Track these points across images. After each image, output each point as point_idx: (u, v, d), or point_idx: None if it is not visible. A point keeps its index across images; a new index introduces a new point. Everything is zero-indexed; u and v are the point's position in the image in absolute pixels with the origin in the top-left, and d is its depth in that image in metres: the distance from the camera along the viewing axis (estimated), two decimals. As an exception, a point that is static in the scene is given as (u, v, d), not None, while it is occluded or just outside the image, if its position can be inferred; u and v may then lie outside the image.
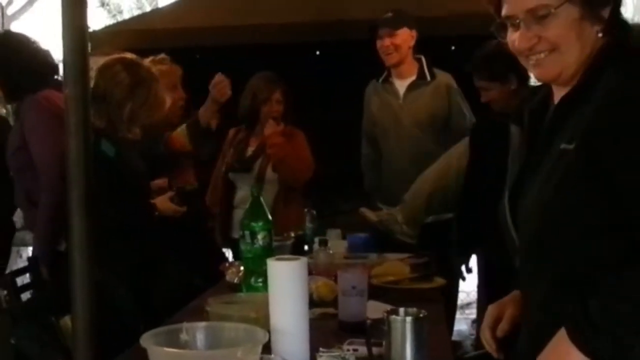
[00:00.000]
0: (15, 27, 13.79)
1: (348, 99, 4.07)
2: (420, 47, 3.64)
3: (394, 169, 3.65)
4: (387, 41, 3.50)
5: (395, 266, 2.58)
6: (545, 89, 1.46)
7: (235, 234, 3.46)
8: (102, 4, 16.49)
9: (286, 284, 1.54)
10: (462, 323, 4.79)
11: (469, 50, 3.23)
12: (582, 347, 1.18)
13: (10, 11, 14.75)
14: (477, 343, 2.87)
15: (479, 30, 3.22)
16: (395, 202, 3.52)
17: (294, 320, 1.53)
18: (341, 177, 4.85)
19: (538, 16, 1.30)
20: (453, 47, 5.18)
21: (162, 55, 3.10)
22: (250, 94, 3.53)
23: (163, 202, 2.67)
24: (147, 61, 2.86)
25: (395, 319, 1.53)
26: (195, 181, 3.09)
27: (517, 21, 1.33)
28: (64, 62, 1.70)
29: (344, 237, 3.02)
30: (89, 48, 1.68)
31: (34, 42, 2.79)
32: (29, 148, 2.57)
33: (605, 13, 1.30)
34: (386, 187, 3.70)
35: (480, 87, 3.07)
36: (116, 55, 2.62)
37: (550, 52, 1.31)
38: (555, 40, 1.29)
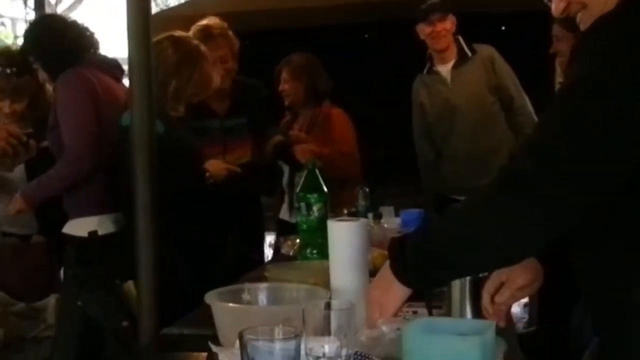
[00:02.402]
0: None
1: (398, 82, 4.06)
2: (469, 26, 3.65)
3: (455, 155, 3.68)
4: (439, 26, 3.55)
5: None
6: None
7: (285, 215, 3.48)
8: (150, -2, 16.69)
9: (346, 244, 1.55)
10: (515, 306, 4.72)
11: (519, 28, 3.24)
12: (399, 278, 1.30)
13: (60, 9, 15.07)
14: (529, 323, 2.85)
15: (529, 6, 3.26)
16: (458, 190, 3.58)
17: (355, 280, 1.54)
18: (391, 159, 4.85)
19: None
20: (503, 27, 5.13)
21: (222, 23, 3.02)
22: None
23: (214, 164, 2.60)
24: (204, 21, 2.86)
25: (455, 282, 1.53)
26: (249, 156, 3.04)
27: None
28: (129, 45, 1.77)
29: (396, 215, 3.01)
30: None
31: (70, 22, 2.79)
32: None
33: None
34: (451, 174, 3.72)
35: (555, 35, 3.04)
36: (167, 33, 2.62)
37: (584, 11, 1.33)
38: None
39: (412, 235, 1.32)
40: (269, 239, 3.95)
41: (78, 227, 2.52)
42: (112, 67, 2.74)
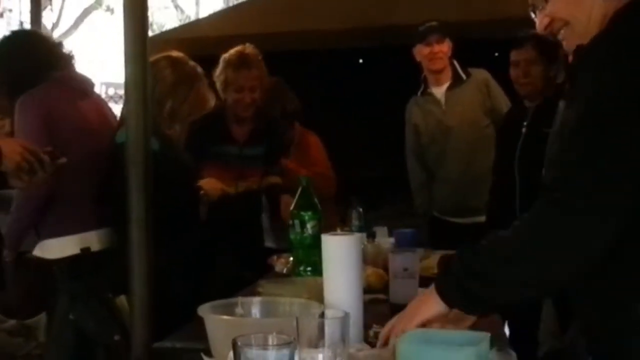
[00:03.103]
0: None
1: (392, 106, 4.10)
2: (463, 51, 3.70)
3: (448, 177, 3.71)
4: (436, 47, 3.61)
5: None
6: None
7: (271, 243, 3.39)
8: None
9: (341, 258, 1.55)
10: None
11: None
12: (440, 292, 1.34)
13: (57, 33, 15.15)
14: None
15: (523, 32, 3.31)
16: (451, 212, 3.61)
17: (349, 294, 1.54)
18: (384, 181, 4.86)
19: None
20: (497, 54, 5.18)
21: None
22: None
23: (209, 182, 2.62)
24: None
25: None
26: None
27: (533, 6, 1.42)
28: (126, 66, 1.79)
29: (390, 235, 3.01)
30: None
31: (38, 39, 2.71)
32: None
33: None
34: (443, 197, 3.75)
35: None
36: (165, 53, 2.65)
37: (566, 27, 1.37)
38: (561, 15, 1.37)
39: (459, 253, 1.36)
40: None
41: (66, 245, 2.50)
42: (80, 82, 2.69)
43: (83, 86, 2.69)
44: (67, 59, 2.70)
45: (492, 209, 3.42)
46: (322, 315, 1.22)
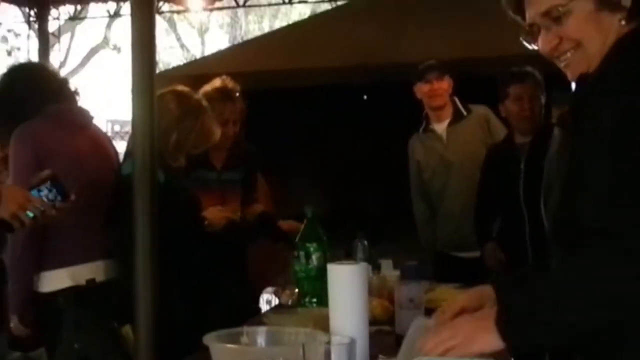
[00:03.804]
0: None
1: (396, 141, 4.13)
2: (465, 88, 3.74)
3: (451, 213, 3.71)
4: (436, 85, 3.64)
5: (448, 292, 2.57)
6: None
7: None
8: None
9: (346, 288, 1.55)
10: None
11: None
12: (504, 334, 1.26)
13: (64, 72, 15.34)
14: None
15: (523, 68, 3.35)
16: (455, 247, 3.65)
17: (355, 323, 1.53)
18: (389, 216, 4.87)
19: (553, 17, 1.30)
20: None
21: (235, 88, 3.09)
22: None
23: (212, 212, 2.63)
24: (219, 80, 2.94)
25: (455, 323, 1.53)
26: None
27: (537, 26, 1.34)
28: (133, 101, 1.82)
29: (395, 268, 3.01)
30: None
31: (44, 71, 2.72)
32: None
33: (627, 1, 1.28)
34: (447, 232, 3.76)
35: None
36: (170, 87, 2.69)
37: (575, 50, 1.31)
38: (574, 36, 1.30)
39: (519, 299, 1.29)
40: (266, 296, 3.93)
41: (63, 277, 2.47)
42: (76, 115, 2.68)
43: (80, 119, 2.69)
44: (71, 95, 2.71)
45: (500, 243, 3.43)
46: (328, 342, 1.22)
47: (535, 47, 1.37)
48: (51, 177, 2.10)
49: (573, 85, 1.37)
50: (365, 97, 5.67)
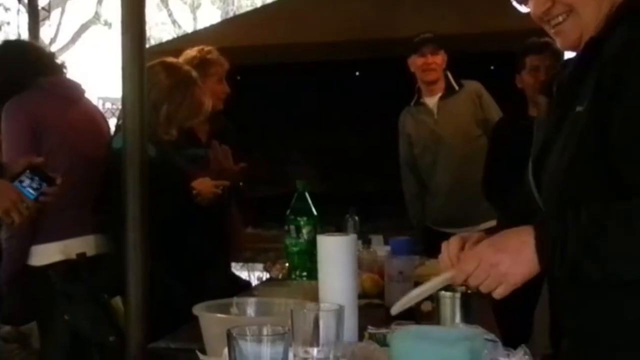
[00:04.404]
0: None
1: (388, 118, 4.12)
2: (459, 64, 3.73)
3: (439, 189, 3.71)
4: (430, 59, 3.63)
5: (438, 267, 2.58)
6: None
7: None
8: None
9: (336, 259, 1.56)
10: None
11: (508, 67, 3.34)
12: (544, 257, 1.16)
13: (54, 48, 15.17)
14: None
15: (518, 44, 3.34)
16: (444, 222, 3.64)
17: (344, 294, 1.54)
18: (380, 194, 4.88)
19: None
20: (492, 67, 5.22)
21: (210, 47, 3.05)
22: None
23: (202, 183, 2.57)
24: (194, 50, 2.90)
25: (445, 294, 1.54)
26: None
27: None
28: (123, 76, 1.81)
29: (386, 244, 3.02)
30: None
31: (31, 47, 2.71)
32: None
33: None
34: (435, 208, 3.76)
35: (536, 102, 3.18)
36: (159, 59, 2.66)
37: (567, 15, 1.28)
38: (568, 0, 1.27)
39: (579, 228, 1.16)
40: (257, 273, 3.94)
41: (57, 251, 2.47)
42: (68, 89, 2.66)
43: (72, 92, 2.67)
44: (58, 67, 2.68)
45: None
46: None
47: (527, 10, 1.34)
48: (28, 167, 2.06)
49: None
50: (357, 73, 5.64)
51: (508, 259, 1.19)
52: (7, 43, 2.93)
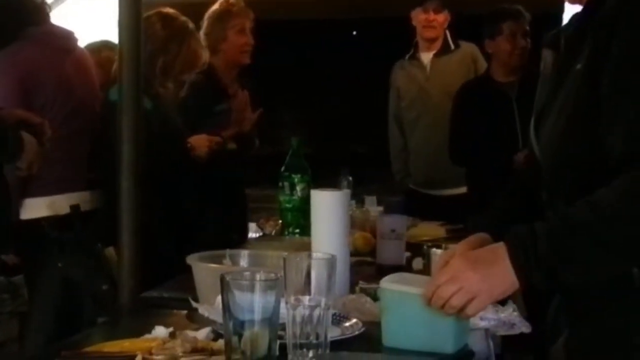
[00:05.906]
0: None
1: (383, 79, 4.09)
2: (455, 25, 3.70)
3: (420, 148, 3.71)
4: (432, 16, 3.61)
5: (430, 228, 2.61)
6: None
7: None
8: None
9: (329, 213, 1.56)
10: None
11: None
12: (521, 271, 1.12)
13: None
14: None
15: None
16: (425, 184, 3.64)
17: (336, 248, 1.54)
18: (373, 157, 4.87)
19: None
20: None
21: None
22: None
23: (197, 139, 2.56)
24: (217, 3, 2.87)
25: (436, 251, 1.55)
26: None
27: None
28: (119, 26, 1.79)
29: (379, 204, 3.03)
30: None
31: None
32: None
33: None
34: (416, 168, 3.75)
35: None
36: (156, 9, 2.61)
37: None
38: None
39: (548, 229, 1.13)
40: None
41: (53, 204, 2.45)
42: (60, 38, 2.56)
43: (63, 42, 2.57)
44: (42, 10, 2.53)
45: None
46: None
47: None
48: (17, 123, 2.00)
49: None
50: (354, 32, 5.60)
51: (481, 271, 1.15)
52: None
